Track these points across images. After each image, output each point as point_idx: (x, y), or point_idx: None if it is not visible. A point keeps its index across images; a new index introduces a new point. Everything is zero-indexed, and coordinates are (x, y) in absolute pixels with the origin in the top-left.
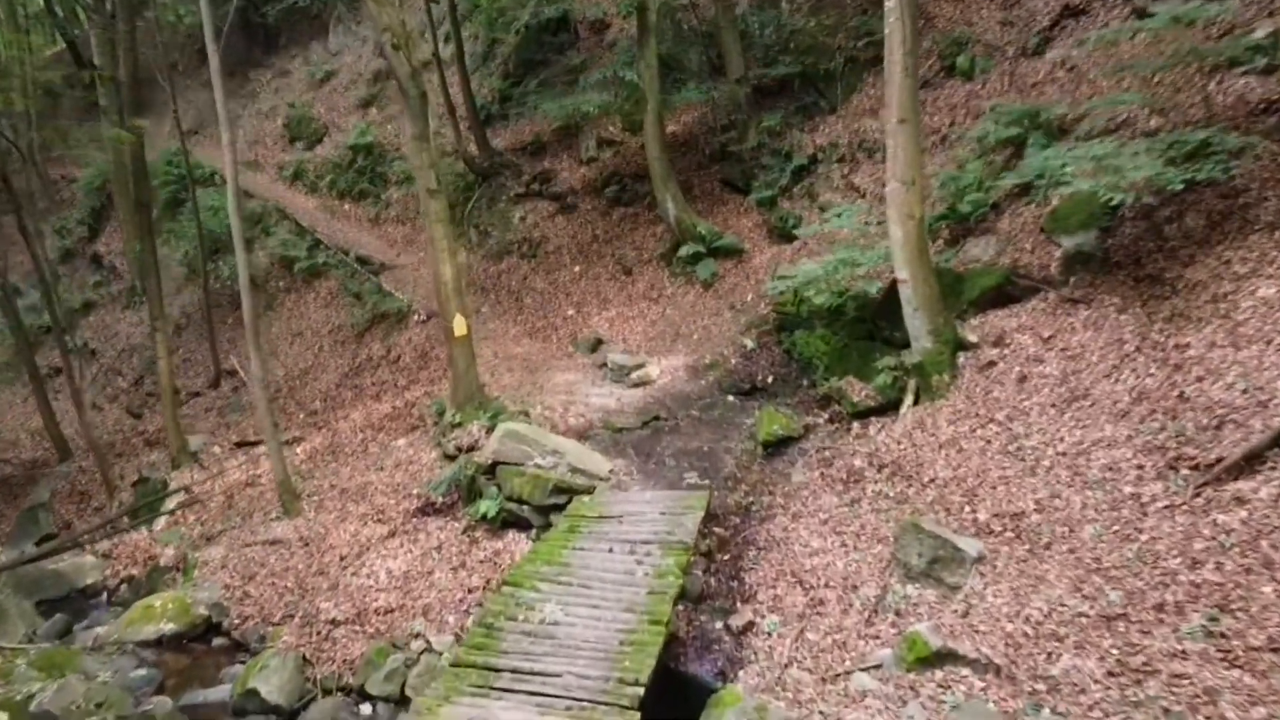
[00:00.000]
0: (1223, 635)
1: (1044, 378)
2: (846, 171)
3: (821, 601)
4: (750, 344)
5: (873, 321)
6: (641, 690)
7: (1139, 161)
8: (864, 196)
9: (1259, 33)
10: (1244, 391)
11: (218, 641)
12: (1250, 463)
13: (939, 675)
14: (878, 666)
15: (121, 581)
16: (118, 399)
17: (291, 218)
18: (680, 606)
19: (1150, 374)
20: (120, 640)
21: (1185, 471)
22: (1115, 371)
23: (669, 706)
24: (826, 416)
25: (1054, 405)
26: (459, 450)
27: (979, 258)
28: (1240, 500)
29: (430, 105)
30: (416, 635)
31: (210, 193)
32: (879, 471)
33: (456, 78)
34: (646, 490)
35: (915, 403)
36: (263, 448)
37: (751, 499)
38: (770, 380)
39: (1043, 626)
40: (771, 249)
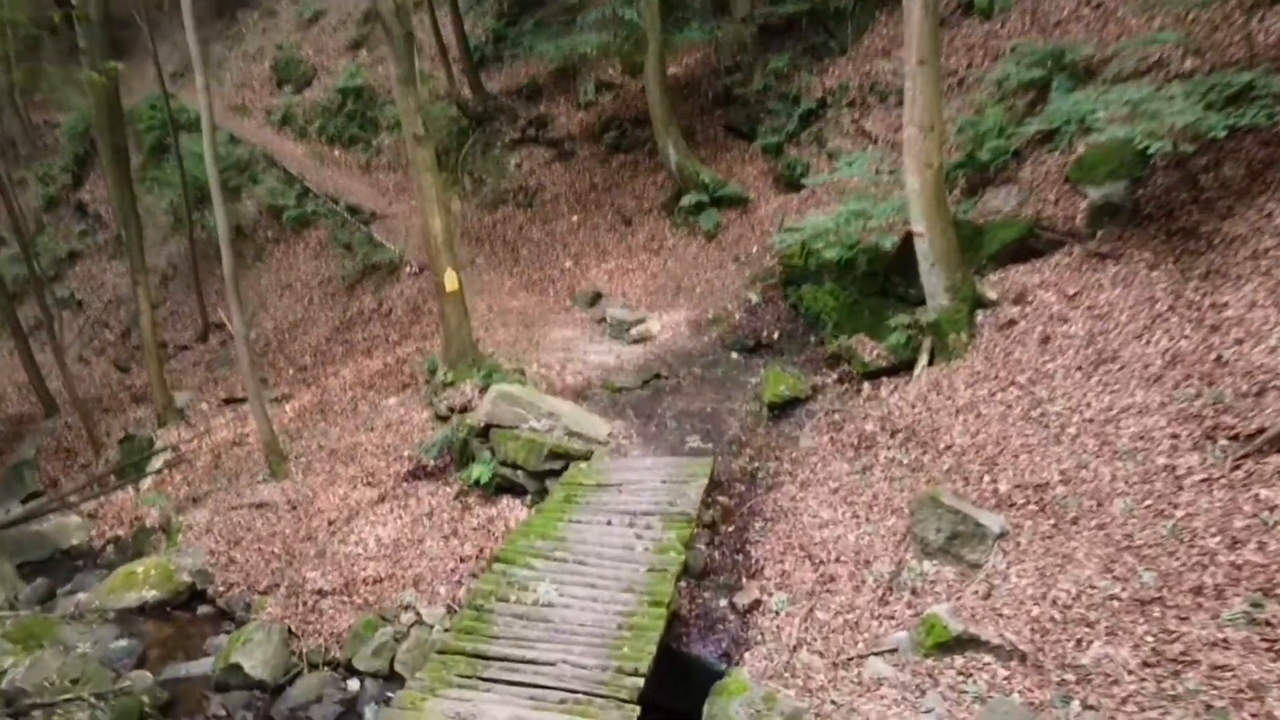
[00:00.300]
0: (1268, 623)
1: (1069, 338)
2: (857, 116)
3: (832, 578)
4: (755, 298)
5: (885, 276)
6: (641, 681)
7: (1178, 106)
8: (875, 143)
9: None
10: None
11: (202, 609)
12: None
13: (959, 662)
14: (893, 651)
15: (107, 542)
16: (105, 352)
17: (280, 165)
18: (682, 583)
19: (1185, 335)
20: (101, 608)
21: (1223, 442)
22: (1146, 332)
23: (670, 691)
24: (835, 376)
25: (1080, 368)
26: (451, 411)
27: (999, 209)
28: None
29: (420, 46)
30: (406, 607)
31: (195, 139)
32: (892, 437)
33: (448, 17)
34: (647, 456)
35: (930, 363)
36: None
37: (757, 465)
38: (776, 337)
39: (1071, 610)
40: (778, 198)
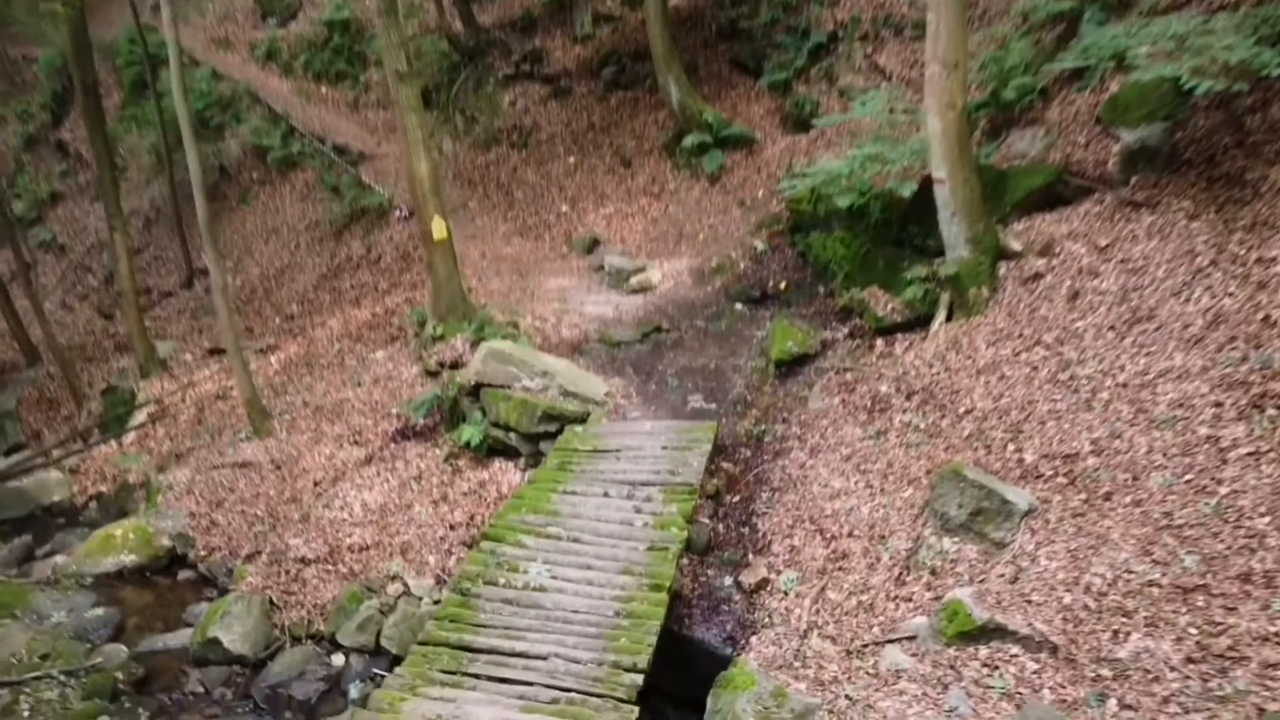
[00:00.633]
0: None
1: (1100, 294)
2: (870, 51)
3: (845, 554)
4: (761, 246)
5: (901, 225)
6: (640, 678)
7: (1227, 41)
8: (889, 79)
9: None
10: None
11: (183, 574)
12: None
13: (984, 653)
14: (911, 638)
15: (90, 499)
16: (88, 298)
17: (264, 102)
18: (684, 559)
19: (1229, 293)
20: (78, 573)
21: (1272, 411)
22: (1185, 289)
23: (672, 676)
24: (846, 331)
25: (1112, 327)
26: (441, 366)
27: (1024, 152)
28: None
29: None
30: (393, 577)
31: None
32: (908, 399)
33: None
34: (647, 419)
35: (948, 319)
36: None
37: (763, 427)
38: (783, 287)
39: (1107, 598)
40: (785, 139)
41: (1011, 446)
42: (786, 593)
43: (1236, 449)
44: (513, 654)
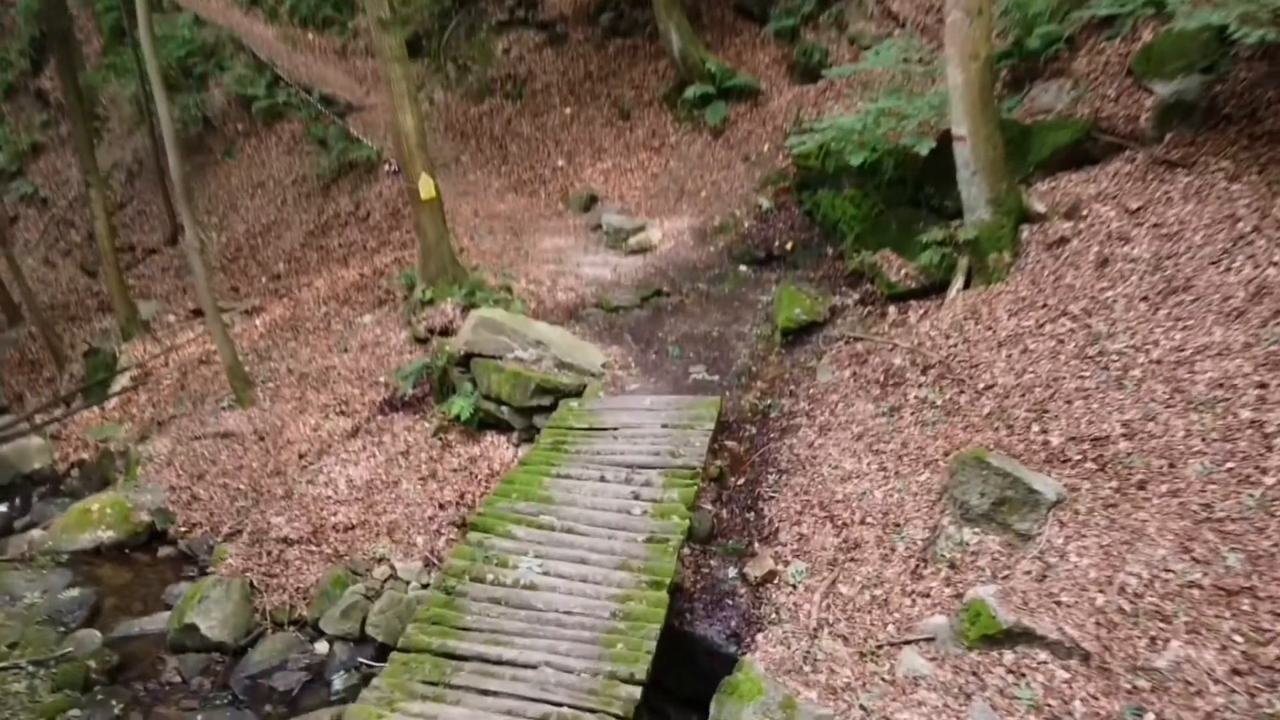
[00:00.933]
0: None
1: (1131, 261)
2: None
3: (857, 544)
4: (766, 204)
5: (916, 184)
6: (638, 691)
7: None
8: (903, 26)
9: None
10: None
11: (163, 551)
12: None
13: (1009, 658)
14: (930, 640)
15: (71, 466)
16: (70, 254)
17: (249, 49)
18: (686, 549)
19: (1273, 262)
20: (54, 549)
21: None
22: (1226, 257)
23: (673, 673)
24: (857, 297)
25: (1145, 298)
26: (430, 333)
27: (1050, 106)
28: None
29: None
30: (380, 560)
31: (157, 20)
32: (923, 373)
33: None
34: (646, 394)
35: (966, 286)
36: (222, 317)
37: (770, 402)
38: (789, 248)
39: (1143, 600)
40: (792, 89)
41: (1036, 427)
42: (795, 586)
43: None
44: (500, 662)
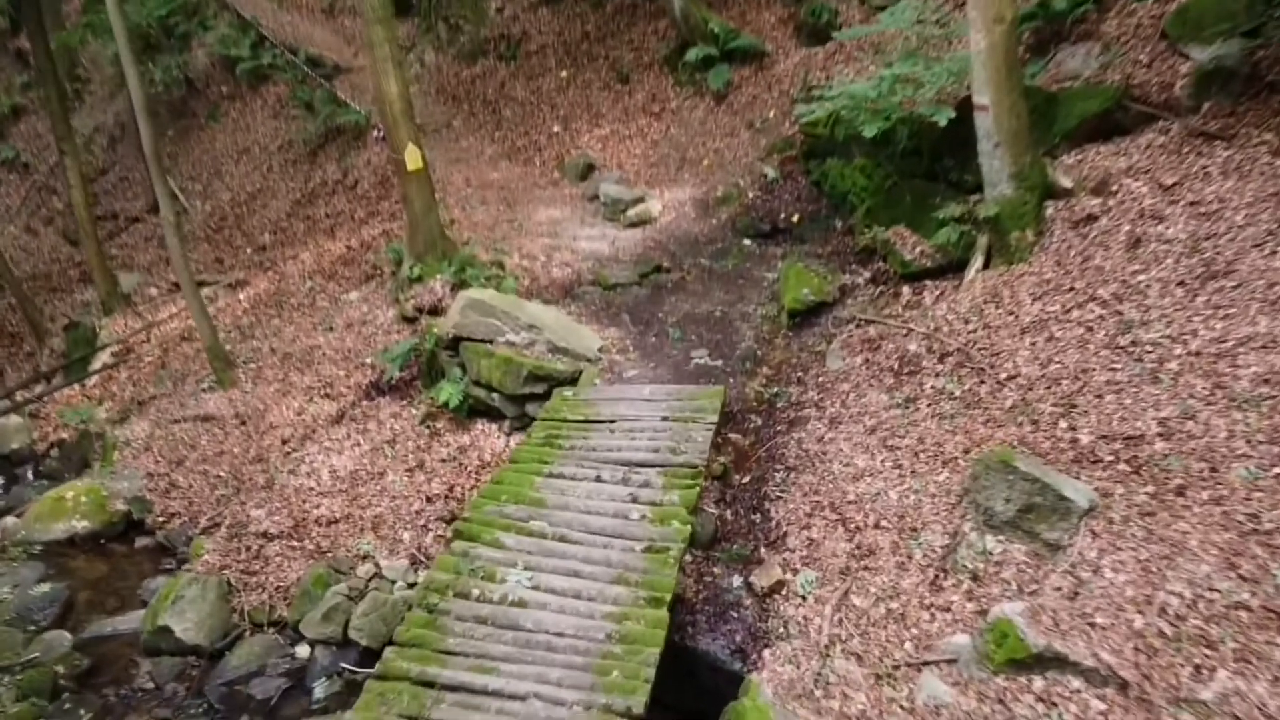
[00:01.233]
0: None
1: (1166, 242)
2: None
3: (871, 550)
4: (771, 173)
5: (932, 155)
6: None
7: None
8: None
9: None
10: None
11: (141, 541)
12: None
13: (1039, 685)
14: (952, 661)
15: (51, 446)
16: (53, 222)
17: (232, 7)
18: (688, 556)
19: None
20: (27, 539)
21: None
22: (1270, 239)
23: (673, 688)
24: (868, 275)
25: (1181, 283)
26: (419, 311)
27: (1077, 72)
28: None
29: None
30: (364, 557)
31: None
32: (940, 361)
33: None
34: (645, 383)
35: (985, 266)
36: (205, 290)
37: (776, 390)
38: (796, 220)
39: (1186, 623)
40: (800, 52)
41: (1064, 424)
42: (804, 597)
43: None
44: (485, 692)
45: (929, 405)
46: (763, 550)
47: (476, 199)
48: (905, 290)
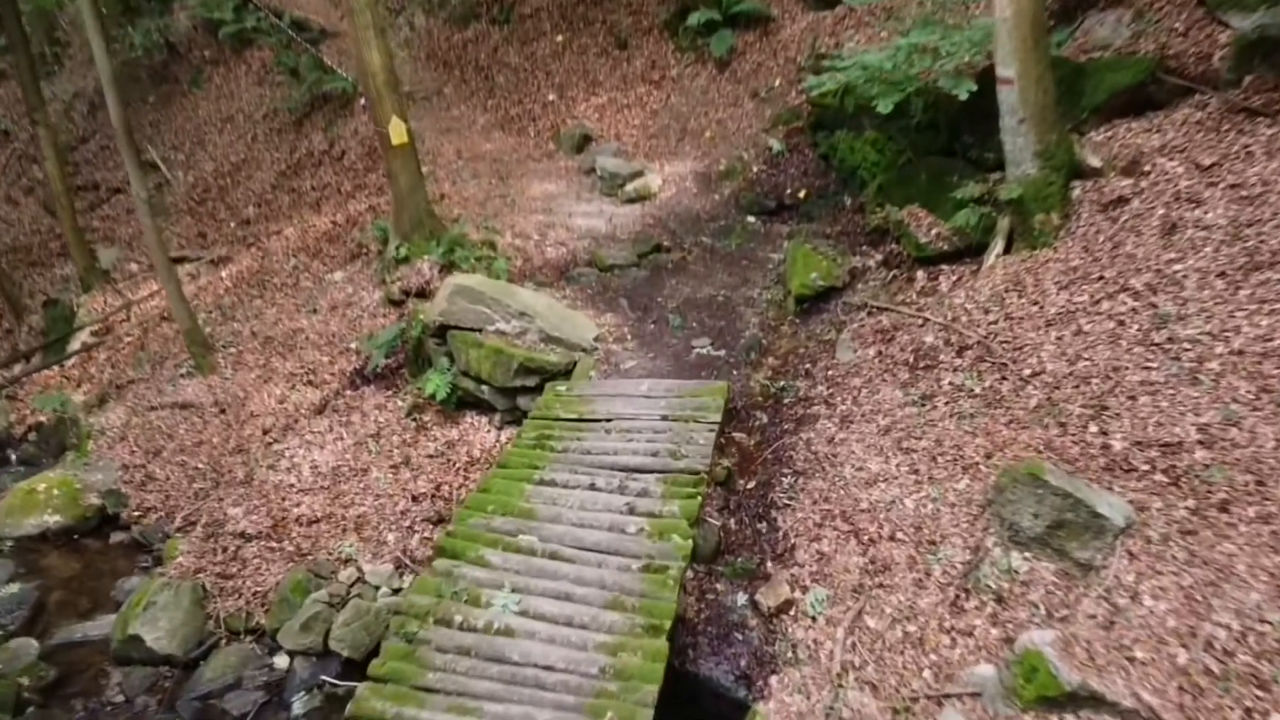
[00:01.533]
0: None
1: (1204, 229)
2: None
3: (886, 566)
4: (777, 146)
5: (950, 131)
6: None
7: None
8: None
9: None
10: None
11: (116, 537)
12: None
13: None
14: (975, 695)
15: (29, 429)
16: (34, 192)
17: None
18: (689, 573)
19: None
20: None
21: None
22: None
23: (671, 713)
24: (880, 258)
25: (1222, 274)
26: (406, 294)
27: (1106, 41)
28: None
29: None
30: (346, 560)
31: None
32: (959, 355)
33: None
34: (644, 377)
35: (1007, 250)
36: (187, 266)
37: (783, 383)
38: (802, 196)
39: (1234, 659)
40: (807, 17)
41: (1094, 427)
42: (814, 618)
43: None
44: None
45: (947, 403)
46: (769, 564)
47: (467, 172)
48: (920, 275)
